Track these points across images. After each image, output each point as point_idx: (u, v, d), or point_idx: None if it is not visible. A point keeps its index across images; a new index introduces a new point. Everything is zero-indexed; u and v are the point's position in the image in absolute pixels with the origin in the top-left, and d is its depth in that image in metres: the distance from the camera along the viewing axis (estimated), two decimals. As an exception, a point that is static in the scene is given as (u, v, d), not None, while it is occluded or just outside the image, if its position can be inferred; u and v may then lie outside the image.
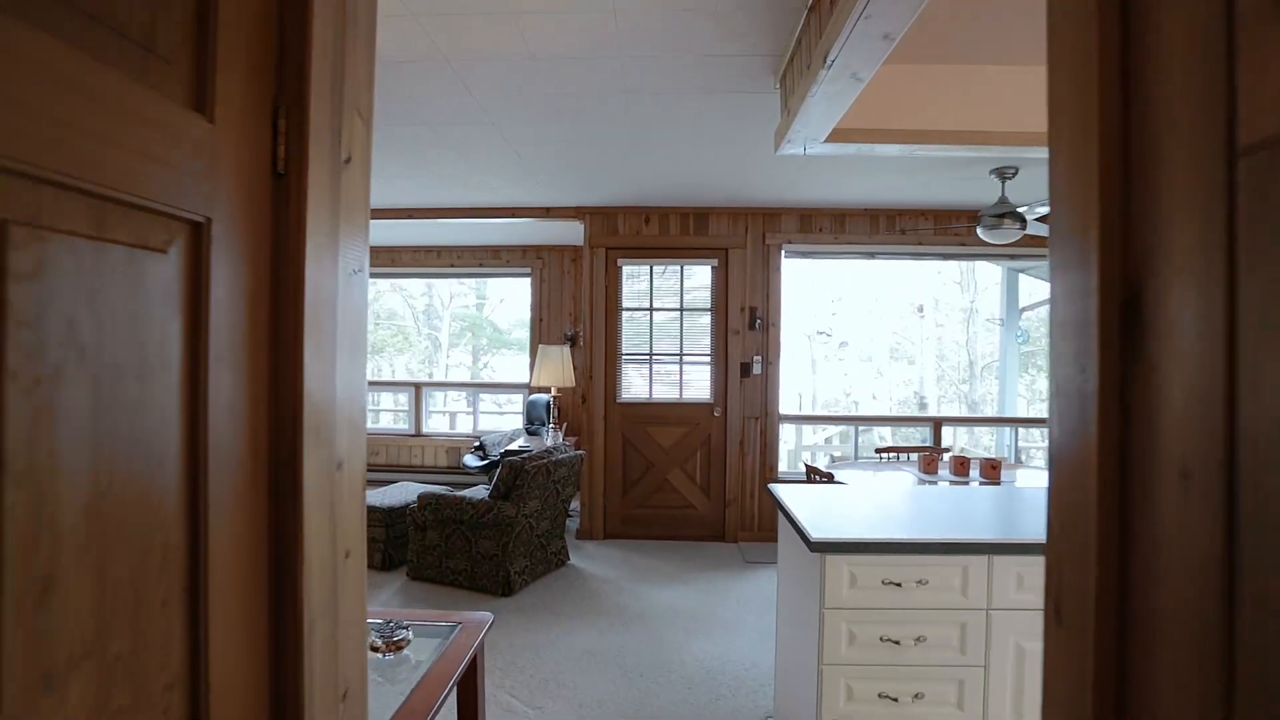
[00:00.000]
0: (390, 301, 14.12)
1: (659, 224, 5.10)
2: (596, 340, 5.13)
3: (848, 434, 9.34)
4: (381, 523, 4.40)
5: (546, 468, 4.04)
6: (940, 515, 2.13)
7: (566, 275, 6.89)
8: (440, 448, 7.06)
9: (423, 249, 7.05)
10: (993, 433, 10.87)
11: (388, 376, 13.24)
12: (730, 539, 5.07)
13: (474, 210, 5.12)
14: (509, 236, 6.44)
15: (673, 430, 5.15)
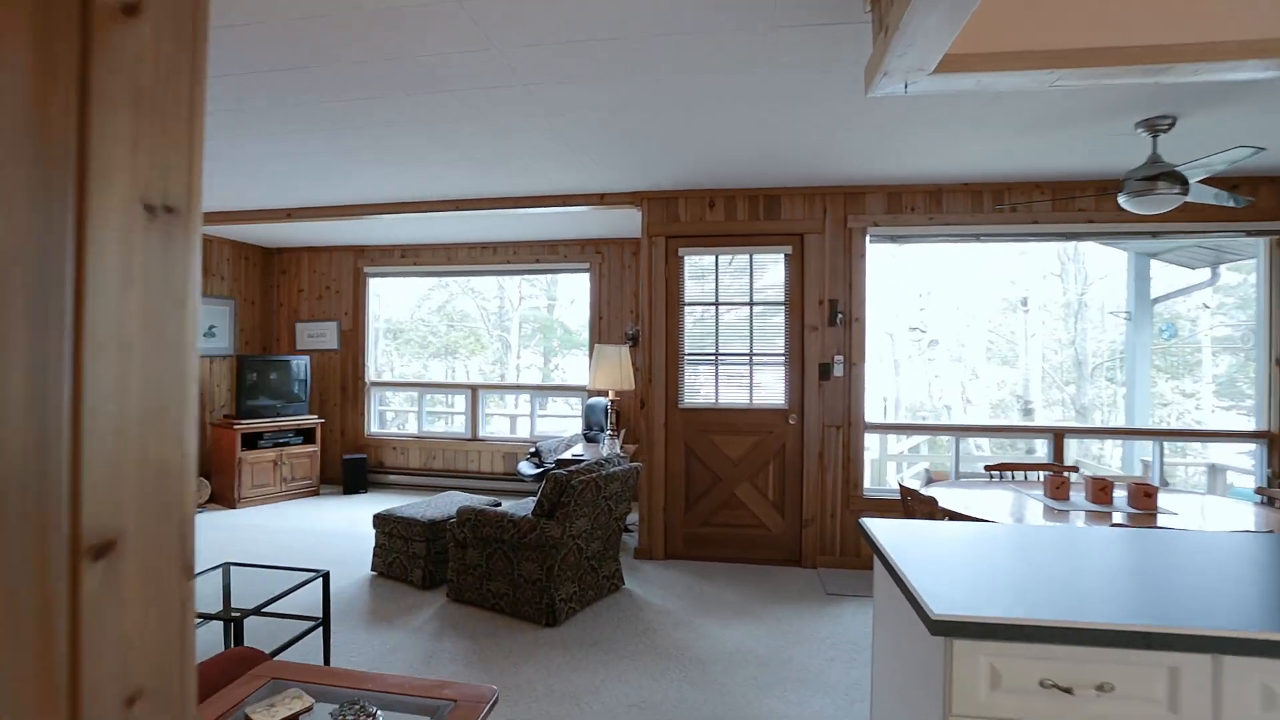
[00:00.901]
0: (463, 304, 14.14)
1: (724, 208, 4.56)
2: (656, 339, 4.64)
3: (936, 443, 8.46)
4: (422, 537, 4.06)
5: (596, 483, 3.58)
6: (1116, 575, 1.51)
7: (627, 270, 6.43)
8: (497, 453, 6.74)
9: (478, 245, 6.75)
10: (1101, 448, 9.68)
11: (462, 379, 13.21)
12: (808, 564, 4.46)
13: (523, 200, 4.73)
14: (566, 229, 6.04)
15: (742, 439, 4.59)
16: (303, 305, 7.19)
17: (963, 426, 4.66)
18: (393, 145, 3.57)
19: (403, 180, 4.29)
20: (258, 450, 6.09)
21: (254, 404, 6.18)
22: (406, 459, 6.95)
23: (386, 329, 13.41)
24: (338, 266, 7.11)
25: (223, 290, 6.62)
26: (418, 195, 4.70)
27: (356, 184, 4.39)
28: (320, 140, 3.48)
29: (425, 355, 13.86)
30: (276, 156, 3.77)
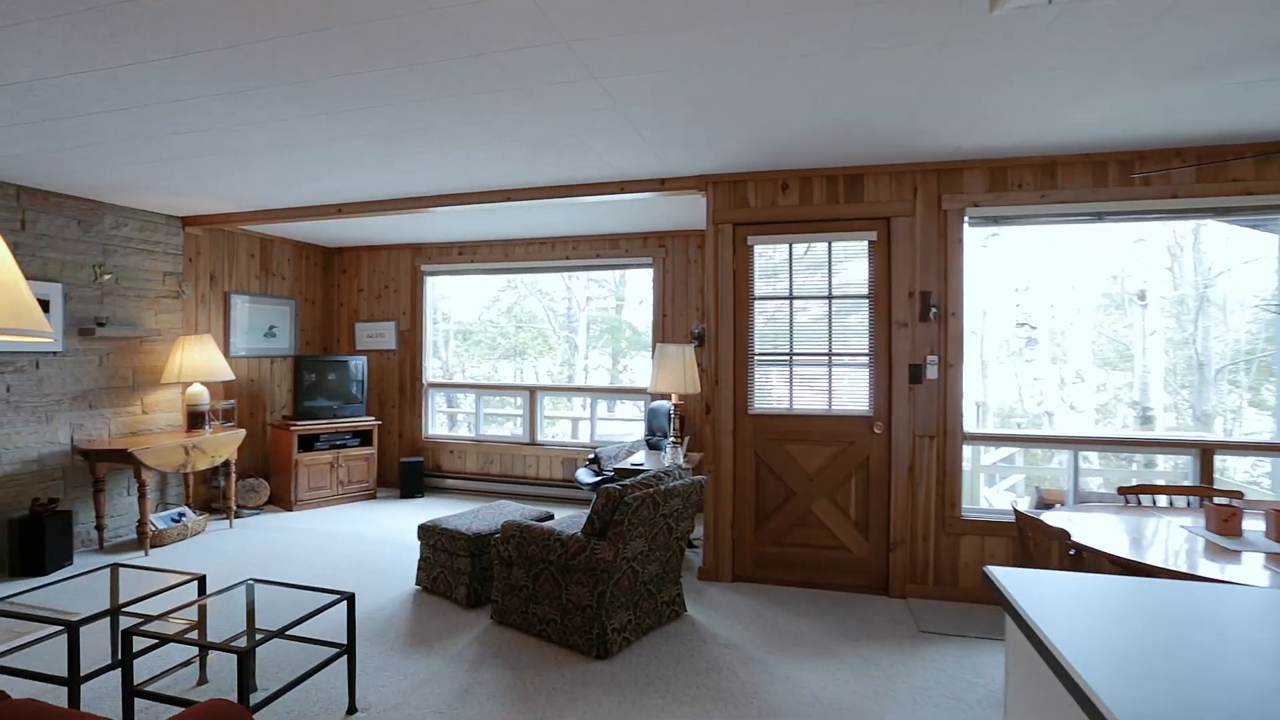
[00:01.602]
0: (530, 305, 14.06)
1: (799, 191, 4.07)
2: (723, 338, 4.20)
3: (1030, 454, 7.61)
4: (466, 552, 3.76)
5: (653, 499, 3.17)
6: None
7: (692, 264, 6.00)
8: (555, 458, 6.44)
9: (536, 240, 6.47)
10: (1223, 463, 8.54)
11: (531, 380, 13.07)
12: (895, 593, 3.91)
13: (578, 187, 4.38)
14: (627, 222, 5.67)
15: (819, 449, 4.09)
16: (362, 305, 7.10)
17: (1088, 439, 3.99)
18: (432, 127, 3.27)
19: (448, 169, 4.01)
20: (314, 452, 5.99)
21: (311, 405, 6.09)
22: (464, 463, 6.75)
23: (457, 330, 13.45)
24: (396, 265, 6.98)
25: (283, 290, 6.59)
26: (466, 185, 4.42)
27: (400, 174, 4.15)
28: (354, 123, 3.22)
29: (494, 356, 13.84)
30: (314, 144, 3.55)
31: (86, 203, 4.77)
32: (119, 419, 5.01)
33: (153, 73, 2.62)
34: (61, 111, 3.03)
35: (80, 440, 4.75)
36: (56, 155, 3.71)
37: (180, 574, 2.95)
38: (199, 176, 4.18)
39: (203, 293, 5.73)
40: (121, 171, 4.04)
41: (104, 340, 4.88)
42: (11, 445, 4.38)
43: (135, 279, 5.12)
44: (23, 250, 4.42)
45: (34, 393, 4.50)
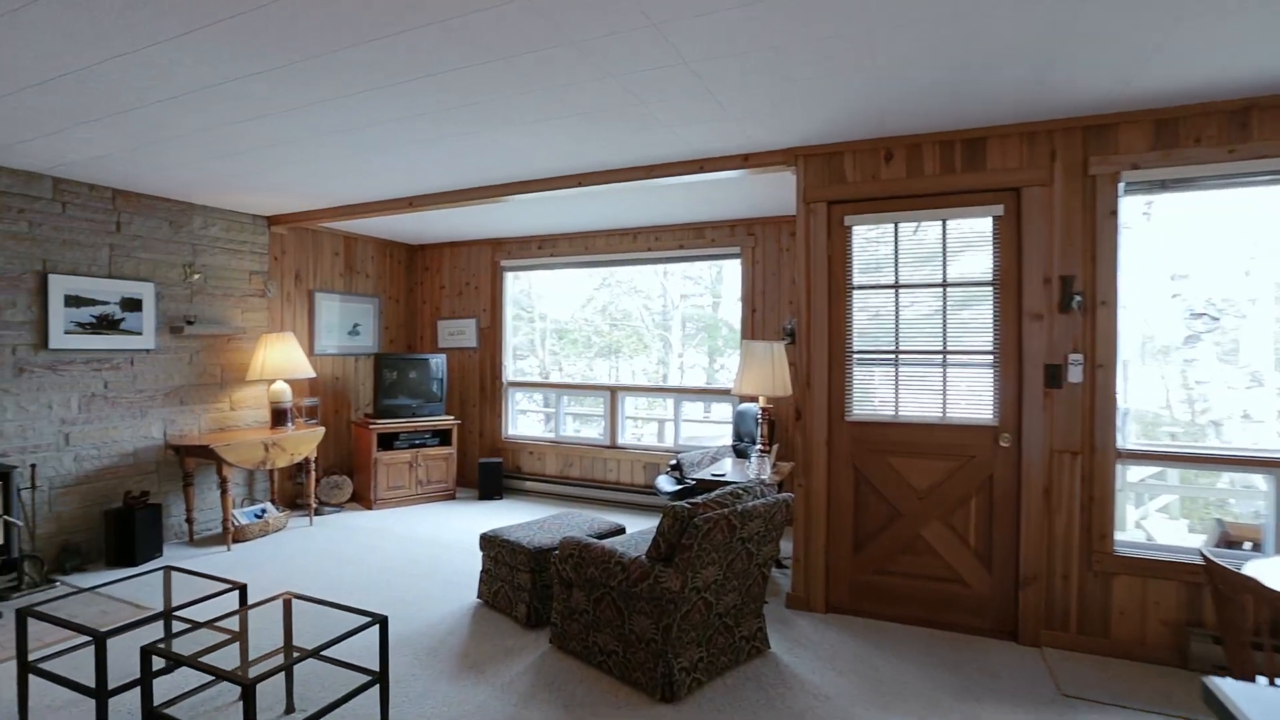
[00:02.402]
0: (625, 303, 13.89)
1: (905, 161, 3.48)
2: (816, 333, 3.67)
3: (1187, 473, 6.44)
4: (527, 567, 3.45)
5: (728, 521, 2.72)
6: None
7: (784, 252, 5.47)
8: (636, 462, 6.08)
9: (616, 232, 6.14)
10: None
11: (613, 380, 12.84)
12: (1026, 640, 3.25)
13: (655, 168, 3.98)
14: (712, 209, 5.21)
15: (931, 464, 3.48)
16: (444, 302, 7.04)
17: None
18: (483, 102, 2.97)
19: (511, 153, 3.72)
20: (393, 451, 5.94)
21: (391, 403, 6.04)
22: (543, 465, 6.52)
23: (553, 328, 13.44)
24: (476, 261, 6.86)
25: (367, 288, 6.61)
26: (534, 171, 4.12)
27: (461, 162, 3.90)
28: (402, 101, 2.97)
29: (590, 354, 13.76)
30: (366, 127, 3.35)
31: (177, 204, 4.87)
32: (208, 415, 5.11)
33: (182, 54, 2.46)
34: (120, 104, 2.96)
35: (172, 435, 4.86)
36: (133, 155, 3.73)
37: (223, 581, 2.80)
38: (267, 171, 4.12)
39: (288, 291, 5.80)
40: (196, 169, 4.03)
41: (193, 338, 4.98)
42: (109, 439, 4.51)
43: (222, 278, 5.21)
44: (118, 251, 4.55)
45: (129, 389, 4.63)
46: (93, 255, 4.41)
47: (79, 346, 4.33)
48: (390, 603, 3.76)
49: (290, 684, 2.67)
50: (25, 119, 3.17)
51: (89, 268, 4.39)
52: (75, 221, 4.32)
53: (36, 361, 4.16)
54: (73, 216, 4.31)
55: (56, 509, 4.26)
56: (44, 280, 4.17)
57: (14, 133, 3.37)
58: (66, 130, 3.33)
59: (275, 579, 4.12)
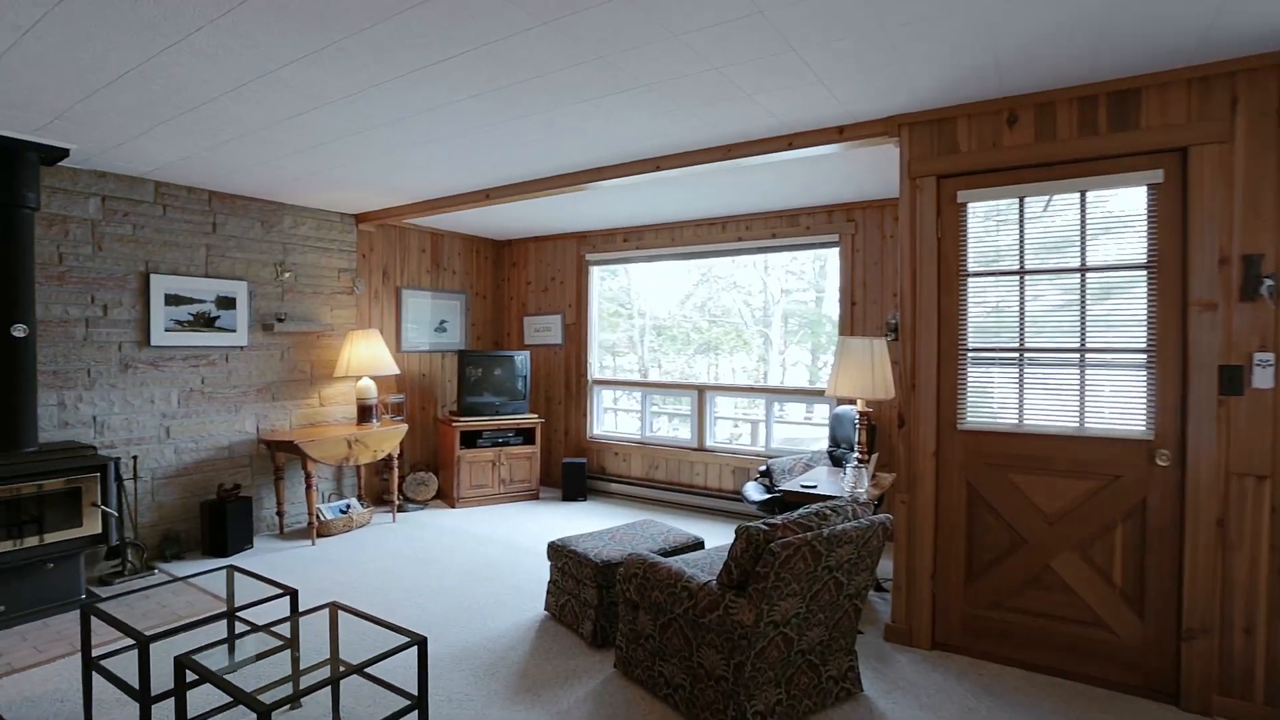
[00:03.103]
0: (725, 300, 13.53)
1: (1034, 122, 2.92)
2: (923, 328, 3.19)
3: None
4: (593, 581, 3.19)
5: (811, 548, 2.33)
6: None
7: (888, 239, 4.93)
8: (725, 466, 5.72)
9: (704, 222, 5.79)
10: None
11: (728, 379, 12.49)
12: (1192, 706, 2.64)
13: (734, 148, 3.60)
14: (806, 193, 4.76)
15: (1064, 484, 2.92)
16: (530, 298, 6.95)
17: None
18: (541, 75, 2.73)
19: (579, 137, 3.47)
20: (476, 449, 5.89)
21: (475, 401, 6.00)
22: (629, 466, 6.29)
23: (652, 325, 13.27)
24: (562, 255, 6.71)
25: (454, 285, 6.61)
26: (608, 156, 3.85)
27: (530, 149, 3.70)
28: (458, 78, 2.78)
29: (689, 351, 13.50)
30: (420, 112, 3.19)
31: (268, 204, 5.00)
32: (298, 410, 5.23)
33: (226, 37, 2.36)
34: (185, 100, 2.95)
35: (264, 430, 5.00)
36: (213, 154, 3.78)
37: (277, 586, 2.72)
38: (337, 166, 4.09)
39: (375, 288, 5.86)
40: (272, 167, 4.06)
41: (283, 335, 5.11)
42: (205, 433, 4.68)
43: (312, 276, 5.31)
44: (214, 251, 4.71)
45: (224, 384, 4.78)
46: (191, 256, 4.58)
47: (178, 343, 4.50)
48: (456, 609, 3.63)
49: (336, 699, 2.54)
50: (110, 122, 3.25)
51: (187, 267, 4.56)
52: (175, 223, 4.50)
53: (140, 358, 4.35)
54: (172, 219, 4.48)
55: (158, 499, 4.45)
56: (146, 280, 4.36)
57: (106, 137, 3.48)
58: (149, 131, 3.40)
59: (349, 577, 4.10)
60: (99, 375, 4.18)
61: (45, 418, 3.97)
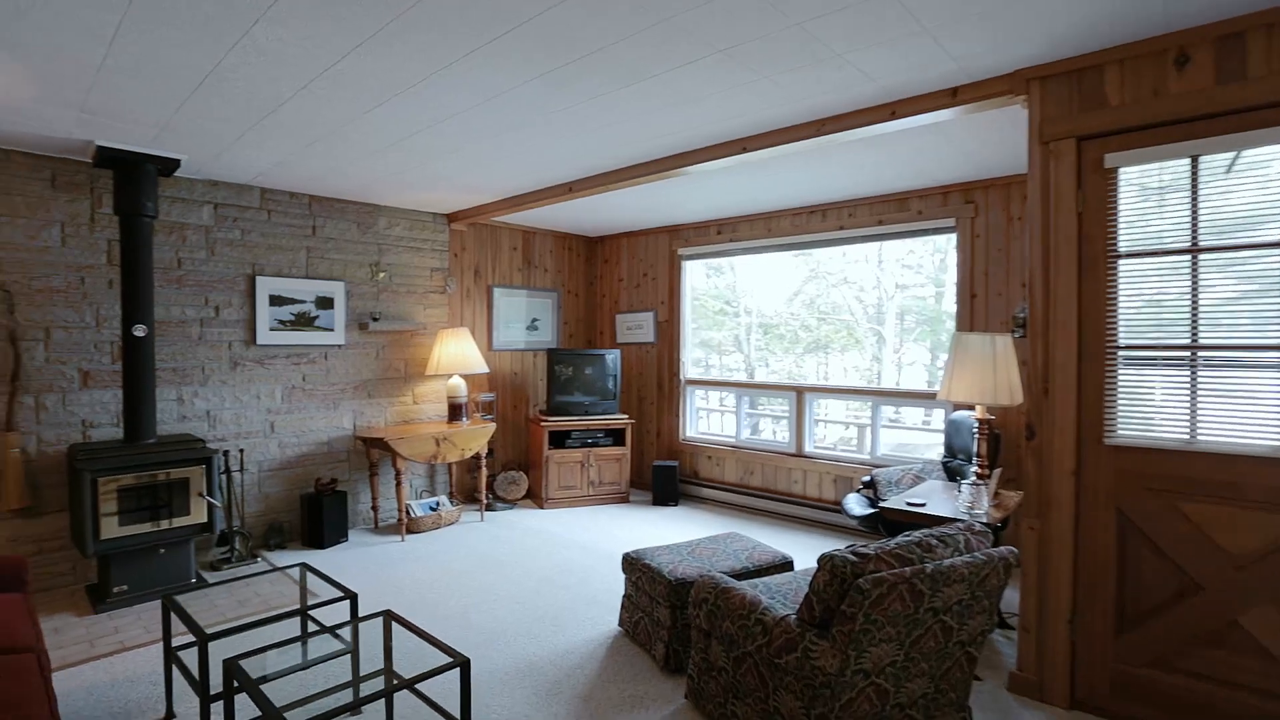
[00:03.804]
0: (836, 296, 12.88)
1: (1211, 62, 2.33)
2: (1060, 321, 2.66)
3: None
4: (666, 600, 2.93)
5: (911, 586, 1.93)
6: None
7: (1014, 222, 4.30)
8: (825, 474, 5.27)
9: (802, 210, 5.36)
10: None
11: (838, 379, 11.88)
12: None
13: (827, 121, 3.21)
14: (917, 172, 4.25)
15: (1261, 519, 2.31)
16: (622, 295, 6.78)
17: None
18: (606, 49, 2.49)
19: (658, 115, 3.20)
20: (565, 449, 5.78)
21: (564, 400, 5.89)
22: (722, 471, 5.96)
23: (758, 323, 12.85)
24: (654, 251, 6.49)
25: (545, 282, 6.55)
26: (690, 140, 3.56)
27: (609, 131, 3.47)
28: (523, 61, 2.59)
29: (798, 350, 12.96)
30: (491, 97, 3.04)
31: (364, 206, 5.11)
32: (393, 408, 5.33)
33: (281, 29, 2.30)
34: (261, 102, 2.97)
35: (360, 427, 5.13)
36: (303, 157, 3.85)
37: (339, 588, 2.66)
38: (417, 164, 4.06)
39: (467, 287, 5.89)
40: (358, 167, 4.09)
41: (378, 334, 5.21)
42: (306, 429, 4.85)
43: (406, 275, 5.40)
44: (314, 253, 4.86)
45: (323, 381, 4.94)
46: (292, 258, 4.75)
47: (281, 342, 4.68)
48: (529, 617, 3.48)
49: (390, 712, 2.43)
50: (206, 130, 3.35)
51: (289, 269, 4.73)
52: (278, 227, 4.68)
53: (248, 356, 4.56)
54: (276, 223, 4.67)
55: (264, 490, 4.65)
56: (253, 282, 4.56)
57: (207, 145, 3.61)
58: (241, 137, 3.49)
59: (429, 576, 4.07)
60: (212, 372, 4.41)
61: (166, 412, 4.22)
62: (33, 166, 3.75)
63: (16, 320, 3.73)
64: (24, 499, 3.71)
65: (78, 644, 3.16)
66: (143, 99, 2.94)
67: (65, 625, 3.37)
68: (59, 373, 3.85)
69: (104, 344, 3.97)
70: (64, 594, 3.77)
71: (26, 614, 2.38)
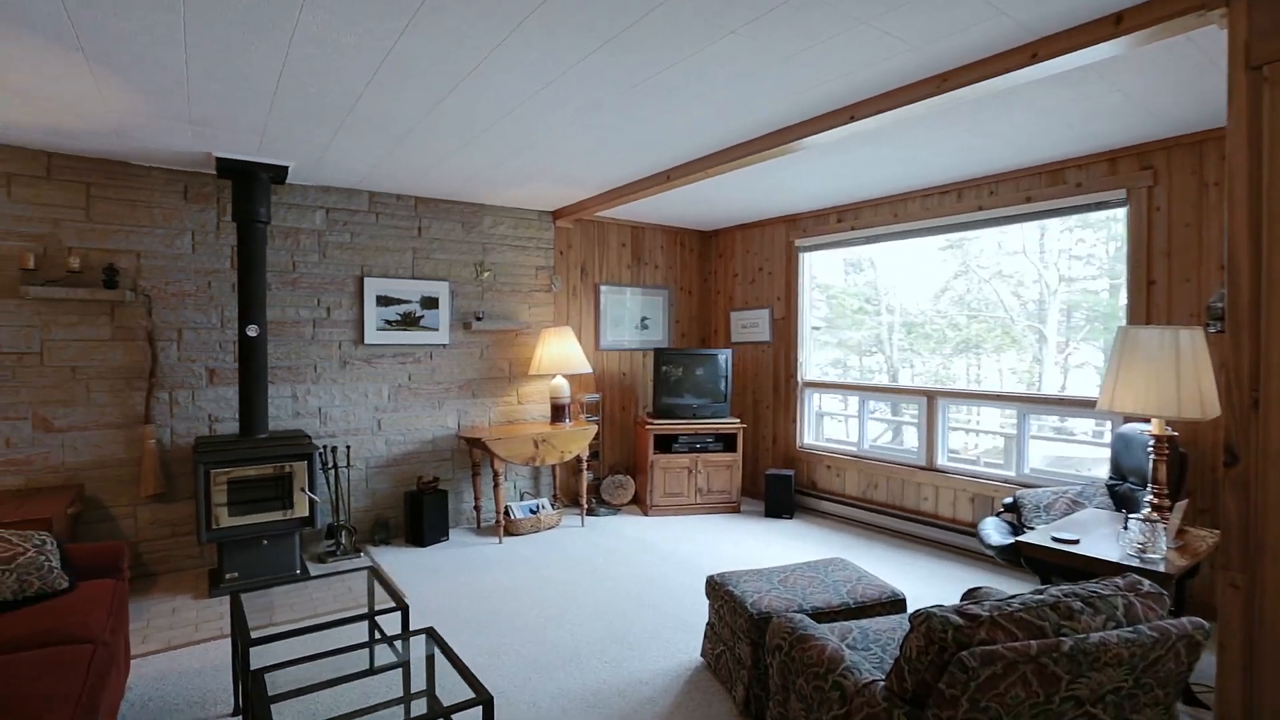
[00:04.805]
0: (987, 291, 11.67)
1: None
2: (1275, 308, 1.99)
3: None
4: (748, 636, 2.56)
5: (1039, 667, 1.44)
6: None
7: (1208, 191, 3.45)
8: (961, 491, 4.60)
9: (932, 190, 4.71)
10: None
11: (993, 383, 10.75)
12: None
13: (945, 76, 2.66)
14: (1072, 132, 3.52)
15: None
16: (737, 291, 6.38)
17: None
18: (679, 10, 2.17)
19: (744, 83, 2.83)
20: (671, 454, 5.49)
21: (671, 402, 5.61)
22: (842, 483, 5.41)
23: (902, 322, 11.94)
24: (770, 243, 6.04)
25: (656, 279, 6.31)
26: (789, 112, 3.14)
27: (699, 108, 3.14)
28: (586, 29, 2.35)
29: (946, 351, 11.90)
30: (560, 76, 2.82)
31: (468, 205, 5.14)
32: (497, 408, 5.32)
33: (328, 15, 2.20)
34: (340, 98, 2.95)
35: (464, 426, 5.16)
36: (394, 157, 3.87)
37: (394, 598, 2.56)
38: (502, 159, 3.94)
39: (574, 285, 5.78)
40: (447, 164, 4.04)
41: (482, 334, 5.22)
42: (412, 427, 4.95)
43: (510, 274, 5.37)
44: (419, 254, 4.95)
45: (429, 380, 5.01)
46: (399, 259, 4.86)
47: (387, 342, 4.80)
48: (608, 637, 3.24)
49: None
50: (298, 133, 3.43)
51: (395, 270, 4.84)
52: (385, 229, 4.80)
53: (356, 356, 4.71)
54: (384, 225, 4.79)
55: (371, 486, 4.78)
56: (361, 283, 4.70)
57: (304, 149, 3.71)
58: (333, 139, 3.54)
59: (516, 582, 3.95)
60: (323, 371, 4.60)
61: (282, 408, 4.45)
62: (168, 180, 4.06)
63: (154, 322, 4.05)
64: (159, 486, 4.02)
65: (185, 627, 3.33)
66: (232, 103, 3.02)
67: (181, 607, 3.59)
68: (189, 370, 4.15)
69: (227, 343, 4.23)
70: (190, 576, 4.05)
71: (110, 602, 2.48)
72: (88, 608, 2.33)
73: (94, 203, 3.88)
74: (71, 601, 2.41)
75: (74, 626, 2.17)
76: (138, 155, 3.81)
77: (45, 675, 1.82)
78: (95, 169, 3.87)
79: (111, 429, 3.95)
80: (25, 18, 2.20)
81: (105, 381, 3.93)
